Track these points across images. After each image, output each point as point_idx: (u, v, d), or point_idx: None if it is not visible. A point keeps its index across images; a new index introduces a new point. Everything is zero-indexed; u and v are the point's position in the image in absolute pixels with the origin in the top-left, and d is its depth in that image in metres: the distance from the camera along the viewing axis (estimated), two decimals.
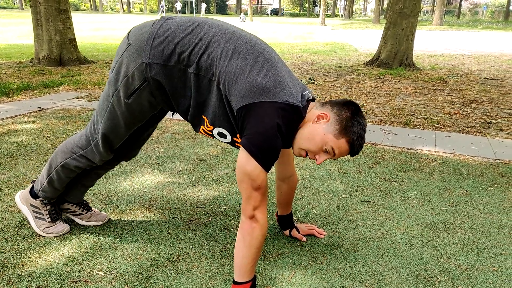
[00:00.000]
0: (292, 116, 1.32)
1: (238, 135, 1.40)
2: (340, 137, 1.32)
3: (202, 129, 1.46)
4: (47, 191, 1.75)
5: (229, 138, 1.43)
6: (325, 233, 1.88)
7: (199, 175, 2.52)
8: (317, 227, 1.90)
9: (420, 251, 1.76)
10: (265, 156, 1.27)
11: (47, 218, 1.77)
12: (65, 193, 1.84)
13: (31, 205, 1.77)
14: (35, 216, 1.77)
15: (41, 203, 1.77)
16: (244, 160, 1.28)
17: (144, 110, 1.50)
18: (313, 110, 1.38)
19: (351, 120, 1.32)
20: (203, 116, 1.42)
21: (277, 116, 1.27)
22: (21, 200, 1.80)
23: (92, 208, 1.93)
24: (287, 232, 1.86)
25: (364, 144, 3.20)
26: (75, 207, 1.88)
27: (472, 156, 3.00)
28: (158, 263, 1.62)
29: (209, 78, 1.33)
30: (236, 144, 1.44)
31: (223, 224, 1.93)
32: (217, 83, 1.32)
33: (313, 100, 1.44)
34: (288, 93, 1.30)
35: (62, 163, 1.68)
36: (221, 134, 1.43)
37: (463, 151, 3.10)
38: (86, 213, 1.89)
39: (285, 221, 1.86)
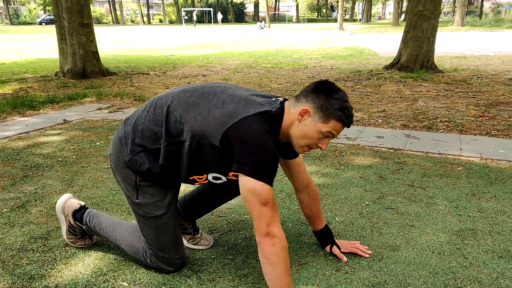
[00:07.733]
0: (271, 119, 1.37)
1: (231, 173, 1.44)
2: (328, 120, 1.37)
3: (198, 180, 1.51)
4: (93, 233, 1.78)
5: (224, 179, 1.48)
6: (370, 252, 1.76)
7: None
8: (360, 244, 1.79)
9: (449, 260, 1.71)
10: (262, 168, 1.30)
11: (79, 235, 1.80)
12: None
13: (69, 221, 1.77)
14: (68, 230, 1.78)
15: (79, 227, 1.78)
16: (244, 181, 1.31)
17: (158, 198, 1.54)
18: (292, 110, 1.41)
19: (329, 101, 1.36)
20: (190, 177, 1.49)
21: (258, 123, 1.32)
22: (62, 210, 1.79)
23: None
24: (327, 248, 1.76)
25: (386, 149, 3.16)
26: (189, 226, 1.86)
27: (500, 160, 2.90)
28: (181, 273, 1.62)
29: (179, 140, 1.40)
30: (233, 178, 1.46)
31: (245, 234, 1.93)
32: (185, 139, 1.39)
33: (285, 100, 1.48)
34: (253, 104, 1.37)
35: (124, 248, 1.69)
36: (215, 178, 1.48)
37: (490, 155, 3.01)
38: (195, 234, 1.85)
39: (322, 236, 1.77)
